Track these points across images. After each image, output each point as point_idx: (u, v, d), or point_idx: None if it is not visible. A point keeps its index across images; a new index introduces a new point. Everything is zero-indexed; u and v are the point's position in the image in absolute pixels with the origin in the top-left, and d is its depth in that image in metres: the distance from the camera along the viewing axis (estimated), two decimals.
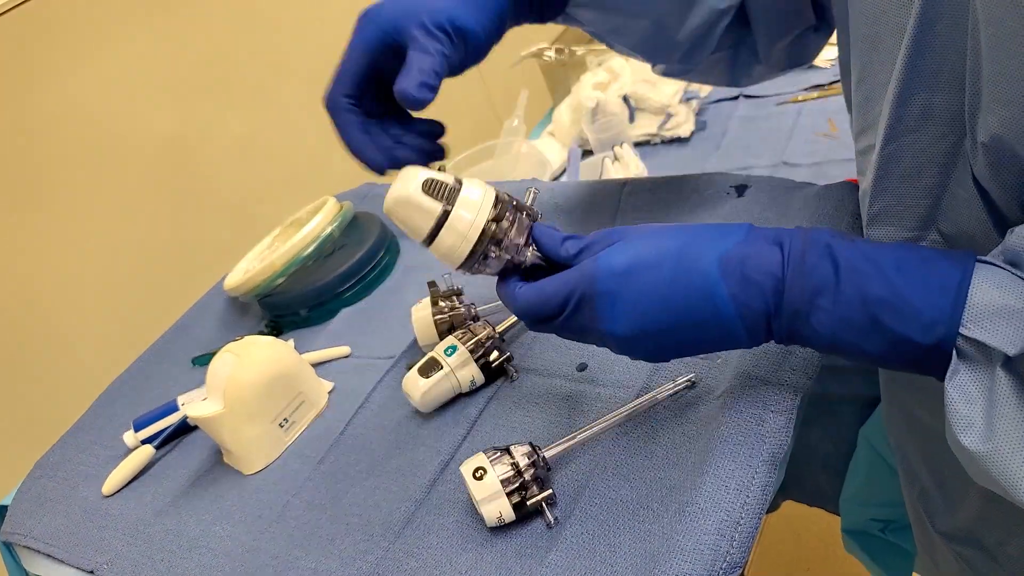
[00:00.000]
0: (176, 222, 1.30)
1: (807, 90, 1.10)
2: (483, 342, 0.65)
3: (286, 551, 0.59)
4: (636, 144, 1.11)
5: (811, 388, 0.52)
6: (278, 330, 0.89)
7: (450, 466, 0.60)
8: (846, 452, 0.77)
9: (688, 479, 0.49)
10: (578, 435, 0.55)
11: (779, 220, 0.69)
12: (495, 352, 0.65)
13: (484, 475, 0.51)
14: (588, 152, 1.15)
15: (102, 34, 1.17)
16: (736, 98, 1.16)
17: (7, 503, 0.78)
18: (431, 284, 0.73)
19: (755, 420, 0.50)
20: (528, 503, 0.51)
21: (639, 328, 0.44)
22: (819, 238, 0.42)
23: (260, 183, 1.41)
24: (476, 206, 0.49)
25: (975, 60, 0.38)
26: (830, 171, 0.90)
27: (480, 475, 0.51)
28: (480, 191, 0.50)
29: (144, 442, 0.77)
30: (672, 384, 0.57)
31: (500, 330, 0.67)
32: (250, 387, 0.67)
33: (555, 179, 1.13)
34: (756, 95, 1.14)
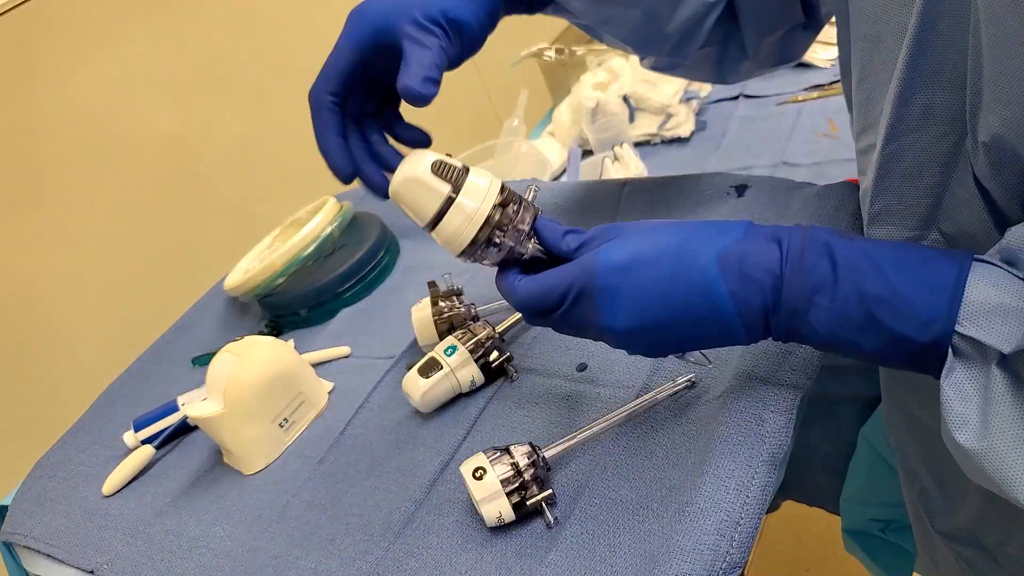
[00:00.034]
0: (176, 222, 1.30)
1: (807, 90, 1.10)
2: (483, 342, 0.65)
3: (286, 551, 0.59)
4: (636, 144, 1.11)
5: (811, 388, 0.52)
6: (278, 330, 0.89)
7: (450, 466, 0.60)
8: (846, 452, 0.77)
9: (688, 479, 0.49)
10: (578, 435, 0.55)
11: (779, 220, 0.69)
12: (495, 352, 0.65)
13: (484, 475, 0.51)
14: (588, 152, 1.15)
15: (102, 34, 1.17)
16: (736, 98, 1.16)
17: (7, 503, 0.78)
18: (431, 284, 0.73)
19: (755, 420, 0.50)
20: (528, 503, 0.51)
21: (637, 323, 0.45)
22: (818, 236, 0.42)
23: (260, 183, 1.41)
24: (483, 191, 0.49)
25: (976, 59, 0.38)
26: (830, 171, 0.90)
27: (480, 475, 0.51)
28: (487, 178, 0.50)
29: (144, 442, 0.77)
30: (672, 384, 0.57)
31: (500, 330, 0.67)
32: (250, 387, 0.67)
33: (555, 179, 1.13)
34: (756, 95, 1.14)
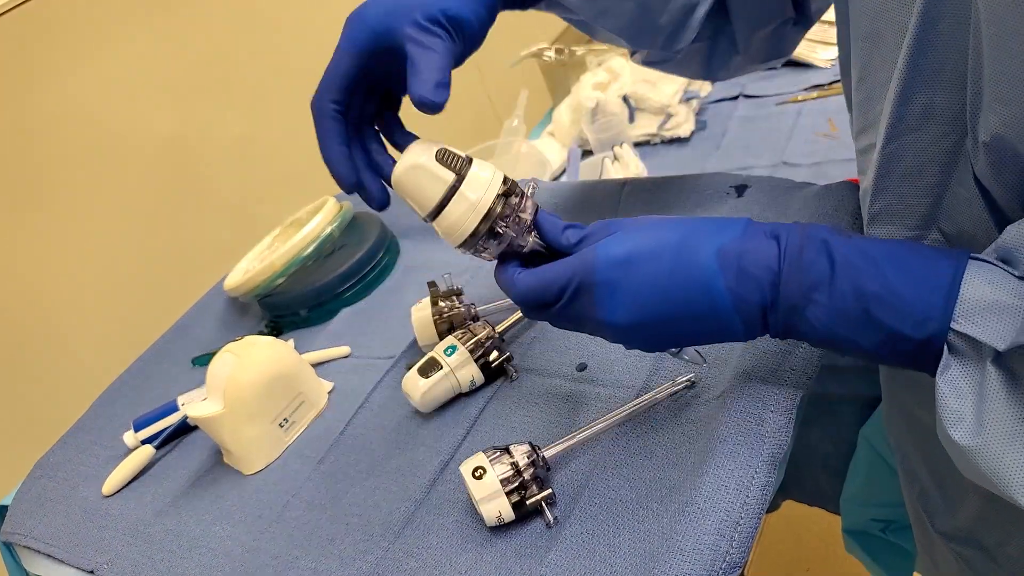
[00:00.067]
0: (176, 222, 1.30)
1: (807, 90, 1.10)
2: (483, 342, 0.65)
3: (286, 551, 0.59)
4: (636, 144, 1.11)
5: (811, 388, 0.52)
6: (278, 330, 0.89)
7: (450, 466, 0.60)
8: (846, 452, 0.77)
9: (688, 479, 0.49)
10: (578, 435, 0.55)
11: (779, 220, 0.67)
12: (495, 352, 0.65)
13: (484, 475, 0.51)
14: (588, 152, 1.15)
15: (102, 34, 1.17)
16: (736, 98, 1.16)
17: (7, 503, 0.78)
18: (431, 284, 0.73)
19: (755, 420, 0.50)
20: (528, 503, 0.51)
21: (636, 318, 0.45)
22: (816, 234, 0.42)
23: (260, 183, 1.41)
24: (487, 181, 0.49)
25: (976, 59, 0.38)
26: (830, 171, 0.90)
27: (480, 475, 0.51)
28: (490, 169, 0.49)
29: (144, 442, 0.77)
30: (672, 384, 0.57)
31: (500, 330, 0.67)
32: (250, 387, 0.67)
33: (555, 179, 1.13)
34: (756, 95, 1.14)
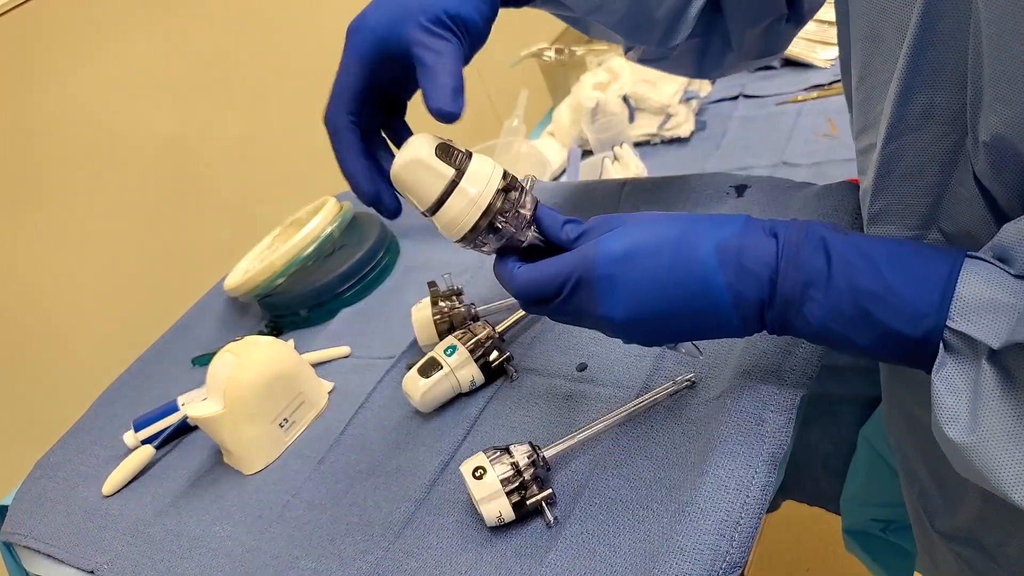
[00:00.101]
0: (176, 222, 1.30)
1: (807, 90, 1.10)
2: (483, 342, 0.65)
3: (286, 551, 0.59)
4: (636, 144, 1.11)
5: (811, 388, 0.52)
6: (278, 330, 0.89)
7: (450, 466, 0.60)
8: (846, 452, 0.77)
9: (688, 479, 0.49)
10: (578, 435, 0.55)
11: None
12: (495, 352, 0.65)
13: (484, 475, 0.51)
14: (588, 152, 1.15)
15: (102, 34, 1.17)
16: (736, 98, 1.16)
17: (7, 503, 0.78)
18: (431, 284, 0.73)
19: (755, 420, 0.50)
20: (528, 503, 0.51)
21: (635, 313, 0.45)
22: (814, 231, 0.43)
23: (260, 183, 1.41)
24: (487, 176, 0.48)
25: (977, 59, 0.38)
26: (830, 171, 0.90)
27: (480, 475, 0.51)
28: (490, 163, 0.49)
29: (144, 442, 0.77)
30: (672, 384, 0.57)
31: (500, 330, 0.67)
32: (250, 387, 0.67)
33: (555, 179, 1.13)
34: (756, 95, 1.14)
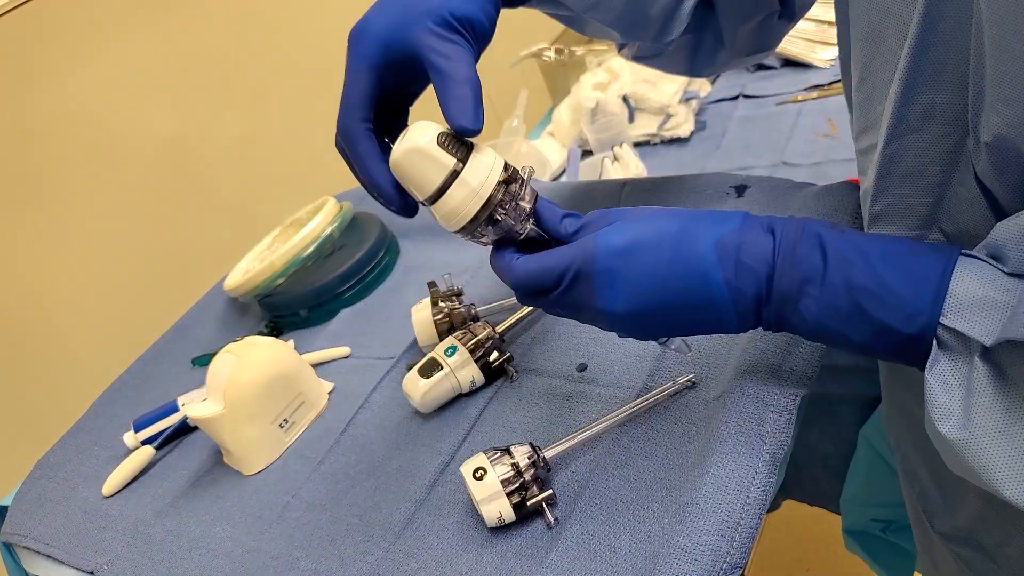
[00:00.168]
0: (176, 222, 1.30)
1: (807, 90, 1.10)
2: (483, 342, 0.65)
3: (286, 552, 0.59)
4: (636, 144, 1.11)
5: (811, 388, 0.52)
6: (278, 331, 0.89)
7: (450, 466, 0.60)
8: (846, 452, 0.77)
9: (688, 479, 0.49)
10: (578, 435, 0.55)
11: None
12: (495, 352, 0.65)
13: (484, 475, 0.51)
14: (588, 152, 1.15)
15: (102, 34, 1.17)
16: (736, 98, 1.16)
17: (7, 503, 0.78)
18: (431, 284, 0.73)
19: (755, 420, 0.50)
20: (528, 503, 0.51)
21: (634, 307, 0.45)
22: (810, 228, 0.43)
23: (260, 183, 1.41)
24: (488, 167, 0.48)
25: (978, 59, 0.38)
26: (830, 171, 0.90)
27: (480, 475, 0.51)
28: (491, 154, 0.49)
29: (144, 443, 0.77)
30: (672, 384, 0.57)
31: (500, 330, 0.67)
32: (250, 388, 0.67)
33: (555, 179, 1.13)
34: (756, 95, 1.14)
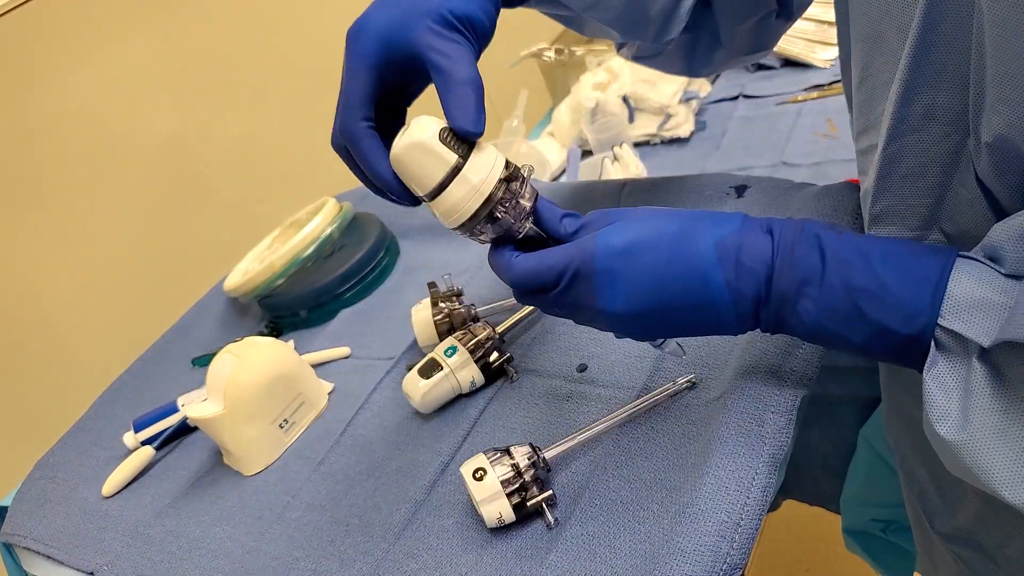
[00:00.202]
0: (176, 222, 1.30)
1: (807, 90, 1.10)
2: (483, 343, 0.65)
3: (286, 552, 0.59)
4: (636, 144, 1.11)
5: (811, 389, 0.52)
6: (278, 331, 0.89)
7: (450, 467, 0.60)
8: (846, 453, 0.77)
9: (688, 480, 0.49)
10: (578, 436, 0.55)
11: None
12: (495, 353, 0.65)
13: (484, 476, 0.51)
14: (588, 152, 1.15)
15: (102, 34, 1.17)
16: (736, 98, 1.15)
17: (7, 504, 0.78)
18: (431, 285, 0.73)
19: (755, 421, 0.50)
20: (528, 504, 0.51)
21: (634, 307, 0.45)
22: (809, 229, 0.43)
23: (260, 183, 1.41)
24: (490, 163, 0.48)
25: (979, 59, 0.38)
26: (830, 171, 0.90)
27: (480, 476, 0.51)
28: (493, 151, 0.49)
29: (144, 443, 0.77)
30: (672, 385, 0.57)
31: (500, 331, 0.67)
32: (250, 388, 0.67)
33: (555, 179, 1.13)
34: (756, 95, 1.14)
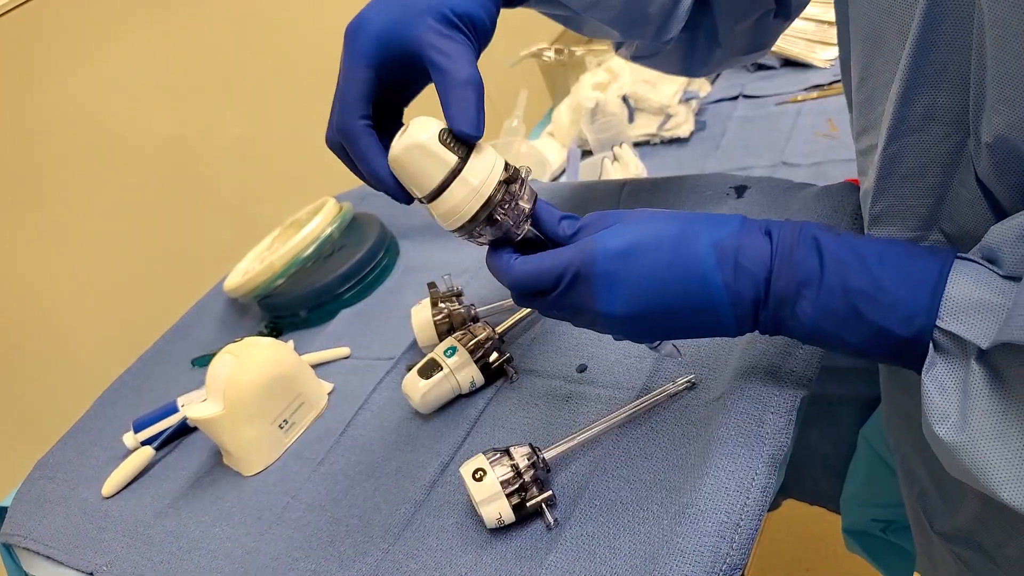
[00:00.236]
0: (176, 222, 1.30)
1: (807, 90, 1.09)
2: (483, 343, 0.65)
3: (286, 552, 0.59)
4: (635, 144, 1.11)
5: (811, 389, 0.52)
6: (278, 331, 0.89)
7: (450, 467, 0.60)
8: (846, 453, 0.77)
9: (688, 481, 0.49)
10: (578, 436, 0.55)
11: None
12: (495, 353, 0.65)
13: (484, 476, 0.51)
14: (587, 152, 1.15)
15: (102, 34, 1.17)
16: (736, 98, 1.15)
17: (7, 504, 0.78)
18: (431, 285, 0.73)
19: (755, 421, 0.50)
20: (528, 504, 0.51)
21: (633, 310, 0.45)
22: (807, 231, 0.43)
23: (260, 183, 1.41)
24: (490, 166, 0.48)
25: (980, 60, 0.38)
26: (830, 171, 0.90)
27: (480, 476, 0.51)
28: (493, 153, 0.49)
29: (144, 443, 0.77)
30: (672, 385, 0.57)
31: (500, 331, 0.67)
32: (250, 388, 0.67)
33: (555, 179, 1.13)
34: (756, 95, 1.14)
